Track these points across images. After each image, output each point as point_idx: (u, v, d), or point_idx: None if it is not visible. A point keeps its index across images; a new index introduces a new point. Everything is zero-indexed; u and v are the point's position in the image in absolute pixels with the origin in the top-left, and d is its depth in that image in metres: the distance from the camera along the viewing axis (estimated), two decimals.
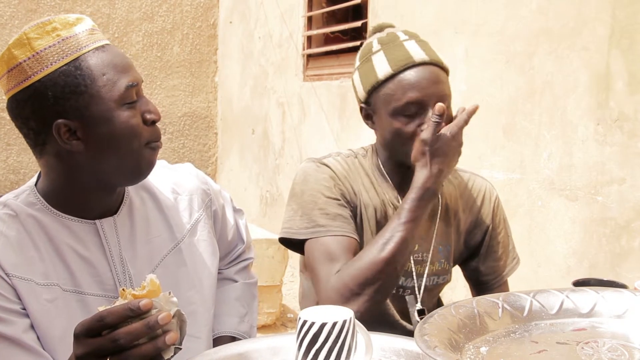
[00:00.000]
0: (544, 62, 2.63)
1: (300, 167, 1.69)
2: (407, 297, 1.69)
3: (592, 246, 2.44)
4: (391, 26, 1.70)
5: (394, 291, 1.67)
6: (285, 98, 4.86)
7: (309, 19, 4.64)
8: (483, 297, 1.12)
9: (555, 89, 2.57)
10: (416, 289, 1.68)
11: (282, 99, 4.91)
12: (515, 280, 1.93)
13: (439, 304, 1.84)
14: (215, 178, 6.08)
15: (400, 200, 1.67)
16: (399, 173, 1.69)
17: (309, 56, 4.65)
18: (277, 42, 5.00)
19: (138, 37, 5.78)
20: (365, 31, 3.93)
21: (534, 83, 2.67)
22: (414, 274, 1.68)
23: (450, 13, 3.15)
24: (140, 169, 1.33)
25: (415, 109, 1.57)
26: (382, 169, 1.71)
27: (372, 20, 3.85)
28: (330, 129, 4.23)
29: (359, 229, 1.66)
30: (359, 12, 4.20)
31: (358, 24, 4.01)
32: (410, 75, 1.58)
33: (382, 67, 1.61)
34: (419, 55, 1.59)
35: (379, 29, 1.70)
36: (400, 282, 1.67)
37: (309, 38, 4.64)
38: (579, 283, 1.44)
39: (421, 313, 1.68)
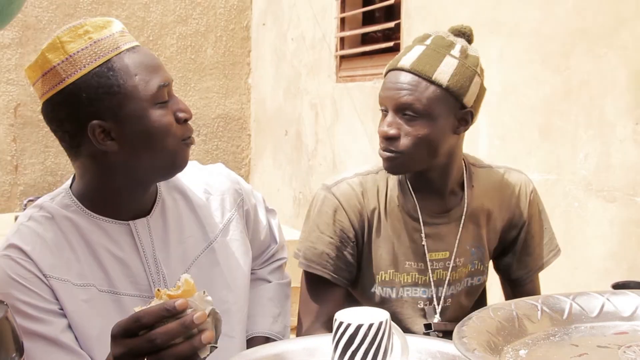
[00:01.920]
0: (580, 62, 2.60)
1: (316, 191, 1.75)
2: (426, 309, 1.69)
3: (631, 248, 2.40)
4: (463, 30, 1.65)
5: (415, 304, 1.69)
6: (318, 99, 4.86)
7: (342, 20, 4.64)
8: (522, 300, 1.11)
9: (592, 89, 2.53)
10: (435, 298, 1.69)
11: (315, 100, 4.91)
12: (552, 283, 1.91)
13: (481, 303, 1.83)
14: (249, 179, 6.10)
15: (419, 212, 1.67)
16: (414, 177, 1.69)
17: (342, 57, 4.64)
18: (310, 43, 5.00)
19: (172, 40, 5.82)
20: (399, 32, 3.92)
21: (570, 83, 2.63)
22: (433, 284, 1.69)
23: (485, 13, 3.12)
24: (175, 165, 1.35)
25: (383, 109, 1.63)
26: (405, 178, 1.71)
27: (405, 21, 3.83)
28: (364, 130, 4.22)
29: (367, 249, 1.69)
30: (393, 12, 4.18)
31: (391, 24, 4.00)
32: (387, 77, 1.63)
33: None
34: (404, 60, 1.60)
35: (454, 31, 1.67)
36: (419, 294, 1.69)
37: (342, 39, 4.64)
38: (618, 286, 1.41)
39: (428, 327, 1.68)
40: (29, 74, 1.31)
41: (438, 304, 1.69)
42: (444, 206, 1.69)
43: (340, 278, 1.68)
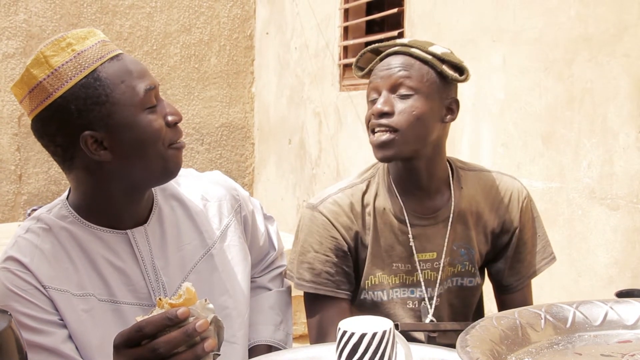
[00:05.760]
0: (583, 69, 2.60)
1: (302, 211, 1.74)
2: (422, 309, 1.69)
3: (634, 256, 2.39)
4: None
5: (405, 304, 1.69)
6: (321, 108, 4.87)
7: (345, 29, 4.65)
8: (525, 308, 1.10)
9: (595, 96, 2.53)
10: (426, 299, 1.69)
11: (318, 108, 4.92)
12: (555, 290, 1.90)
13: (479, 311, 1.83)
14: (252, 188, 6.11)
15: (405, 213, 1.68)
16: (402, 177, 1.69)
17: (345, 66, 4.65)
18: (314, 52, 5.01)
19: (176, 49, 5.84)
20: None
21: (573, 90, 2.64)
22: (423, 284, 1.69)
23: (488, 21, 3.12)
24: (168, 169, 1.35)
25: (373, 99, 1.65)
26: (391, 180, 1.71)
27: (409, 30, 3.84)
28: (367, 139, 4.22)
29: (360, 259, 1.69)
30: (397, 21, 4.19)
31: (394, 33, 4.01)
32: (377, 67, 1.66)
33: None
34: (395, 47, 1.64)
35: None
36: (408, 294, 1.69)
37: (345, 48, 4.65)
38: (622, 294, 1.41)
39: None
40: (16, 91, 1.31)
41: (430, 306, 1.69)
42: (431, 207, 1.69)
43: (343, 291, 1.68)
